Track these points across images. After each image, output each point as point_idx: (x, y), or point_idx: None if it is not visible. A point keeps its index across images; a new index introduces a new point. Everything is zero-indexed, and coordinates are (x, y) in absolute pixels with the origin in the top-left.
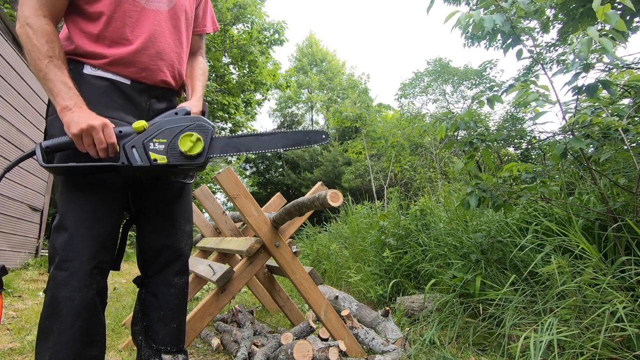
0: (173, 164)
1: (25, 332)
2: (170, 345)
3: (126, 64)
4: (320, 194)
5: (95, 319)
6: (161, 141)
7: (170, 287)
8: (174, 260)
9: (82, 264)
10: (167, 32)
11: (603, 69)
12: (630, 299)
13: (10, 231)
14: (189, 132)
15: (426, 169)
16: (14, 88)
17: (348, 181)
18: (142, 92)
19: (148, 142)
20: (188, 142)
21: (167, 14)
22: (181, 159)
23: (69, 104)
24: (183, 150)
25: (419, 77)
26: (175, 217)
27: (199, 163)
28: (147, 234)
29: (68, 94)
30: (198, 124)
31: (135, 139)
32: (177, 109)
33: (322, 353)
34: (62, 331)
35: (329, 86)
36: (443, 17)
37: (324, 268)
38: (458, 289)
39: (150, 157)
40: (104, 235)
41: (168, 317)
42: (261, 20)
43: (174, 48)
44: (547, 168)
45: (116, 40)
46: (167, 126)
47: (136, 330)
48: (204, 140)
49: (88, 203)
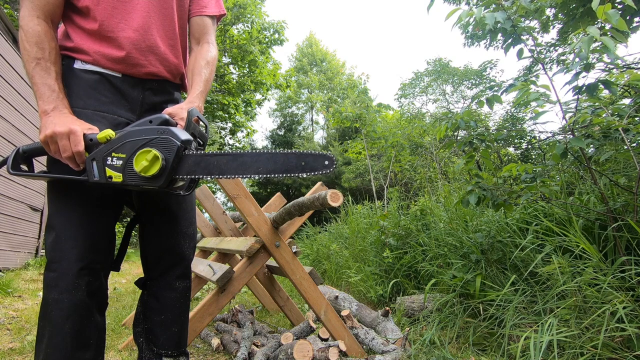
0: (128, 183)
1: (25, 332)
2: (171, 349)
3: (116, 60)
4: (320, 194)
5: (87, 321)
6: (120, 156)
7: (171, 291)
8: (175, 264)
9: (70, 264)
10: (158, 23)
11: (603, 69)
12: (631, 299)
13: (10, 231)
14: (147, 149)
15: (426, 169)
16: (14, 88)
17: (348, 181)
18: (134, 86)
19: (107, 156)
20: (143, 160)
21: (157, 3)
22: (135, 178)
23: (48, 107)
24: (136, 169)
25: (418, 77)
26: (177, 219)
27: (156, 185)
28: (148, 236)
29: (50, 97)
30: (162, 137)
31: (97, 151)
32: (153, 117)
33: (322, 353)
34: (53, 334)
35: (329, 86)
36: (443, 16)
37: (324, 268)
38: (458, 289)
39: (106, 174)
40: (95, 235)
41: (169, 321)
42: (261, 20)
43: (166, 40)
44: (547, 168)
45: (104, 35)
46: (130, 138)
47: (137, 332)
48: (163, 159)
49: (76, 202)
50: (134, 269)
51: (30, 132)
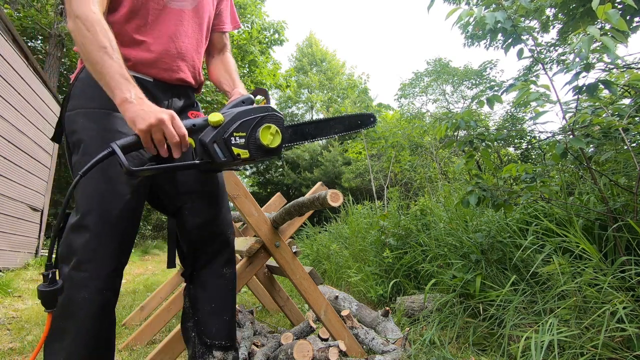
0: (254, 157)
1: (25, 332)
2: (225, 339)
3: (148, 64)
4: (320, 194)
5: (110, 321)
6: (241, 134)
7: (220, 278)
8: (222, 249)
9: (104, 266)
10: (189, 31)
11: (603, 69)
12: (631, 299)
13: (10, 231)
14: (268, 124)
15: (426, 169)
16: (14, 88)
17: (348, 181)
18: (165, 91)
19: (229, 136)
20: (268, 134)
21: (190, 13)
22: (261, 152)
23: (128, 95)
24: (265, 143)
25: (418, 77)
26: (220, 206)
27: (277, 155)
28: (192, 225)
29: (127, 86)
30: (271, 114)
31: (214, 134)
32: (243, 98)
33: (322, 353)
34: (79, 333)
35: (329, 86)
36: (443, 16)
37: (324, 268)
38: (458, 289)
39: (234, 152)
40: (125, 236)
41: (219, 309)
42: (261, 20)
43: (195, 47)
44: (547, 168)
45: (138, 40)
46: (243, 118)
47: (188, 327)
48: (281, 132)
49: (112, 203)
50: (134, 269)
51: (30, 132)
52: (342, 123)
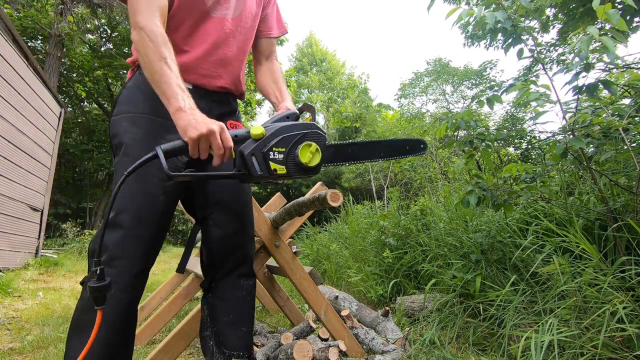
0: (291, 174)
1: (25, 332)
2: (243, 350)
3: (188, 70)
4: (320, 194)
5: (134, 319)
6: (280, 150)
7: (238, 289)
8: (242, 262)
9: (134, 264)
10: (231, 39)
11: (603, 69)
12: (631, 299)
13: (10, 231)
14: (308, 142)
15: (426, 169)
16: (14, 88)
17: (348, 181)
18: (203, 97)
19: (268, 150)
20: (308, 153)
21: (232, 21)
22: (299, 169)
23: (183, 104)
24: (303, 161)
25: (418, 77)
26: (244, 220)
27: (315, 173)
28: (214, 236)
29: (182, 96)
30: (314, 132)
31: (254, 147)
32: (288, 113)
33: (322, 353)
34: (102, 328)
35: (329, 86)
36: (443, 16)
37: (324, 268)
38: (458, 289)
39: (271, 167)
40: (155, 237)
41: (237, 321)
42: None
43: (237, 55)
44: (547, 168)
45: (180, 47)
46: (285, 133)
47: (206, 336)
48: (321, 151)
49: (145, 204)
50: None
51: (30, 132)
52: (389, 147)
